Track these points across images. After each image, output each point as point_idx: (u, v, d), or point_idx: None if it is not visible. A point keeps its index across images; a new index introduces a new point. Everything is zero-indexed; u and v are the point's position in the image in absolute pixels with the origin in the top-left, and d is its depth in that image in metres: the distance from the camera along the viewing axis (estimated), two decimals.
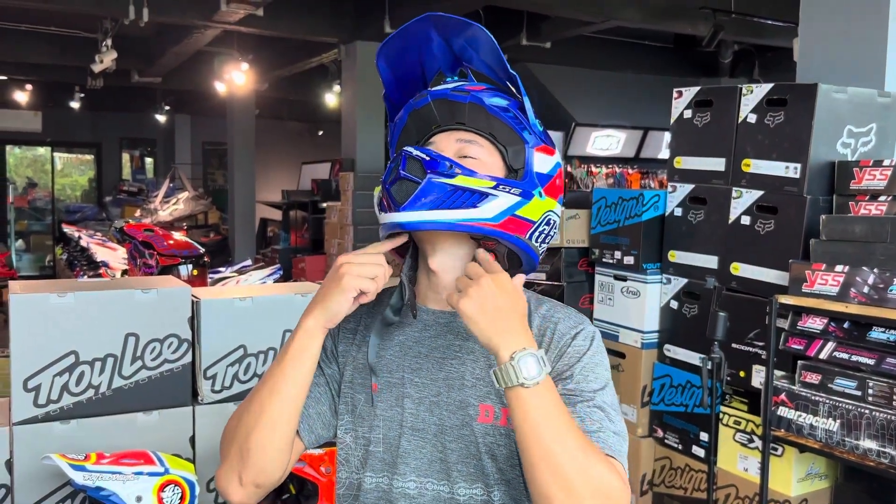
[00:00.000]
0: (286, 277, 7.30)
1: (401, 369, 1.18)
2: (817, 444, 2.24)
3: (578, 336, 1.15)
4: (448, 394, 1.15)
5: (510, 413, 1.02)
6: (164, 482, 2.06)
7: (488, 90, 1.16)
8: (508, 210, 1.10)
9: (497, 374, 1.02)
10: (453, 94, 1.14)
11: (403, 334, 1.20)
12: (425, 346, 1.18)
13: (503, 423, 1.12)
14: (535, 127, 1.16)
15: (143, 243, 4.88)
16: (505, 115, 1.14)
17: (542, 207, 1.14)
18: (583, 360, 1.12)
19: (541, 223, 1.14)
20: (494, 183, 1.10)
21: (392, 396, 1.17)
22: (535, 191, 1.13)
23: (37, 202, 13.44)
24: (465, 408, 1.14)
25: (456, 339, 1.17)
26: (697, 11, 6.34)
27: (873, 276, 2.18)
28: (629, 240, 2.98)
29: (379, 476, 1.17)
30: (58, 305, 2.24)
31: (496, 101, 1.14)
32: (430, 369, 1.17)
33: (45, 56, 8.61)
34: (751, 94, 2.60)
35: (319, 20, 7.08)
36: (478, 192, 1.09)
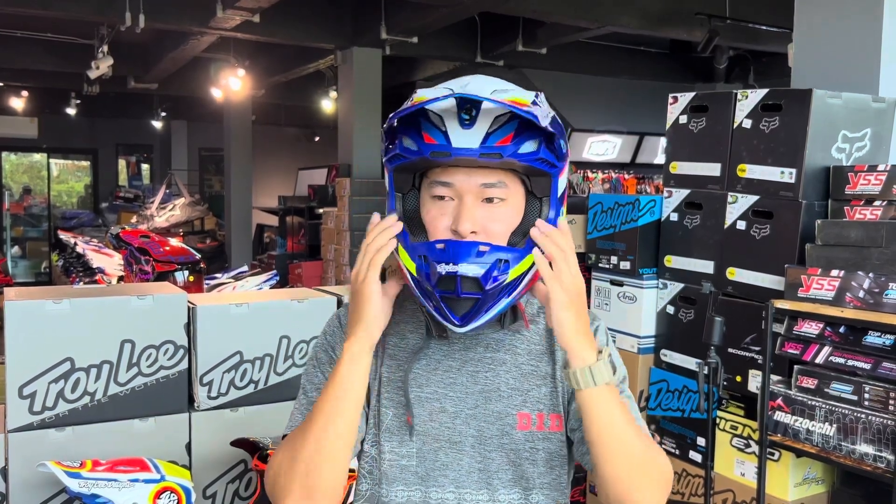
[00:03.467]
0: (283, 283, 7.29)
1: (431, 384, 1.17)
2: (814, 448, 2.24)
3: (598, 331, 1.18)
4: (485, 405, 1.17)
5: (587, 411, 1.06)
6: (159, 489, 2.05)
7: (517, 137, 1.03)
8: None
9: (580, 374, 1.05)
10: (483, 158, 1.03)
11: (430, 348, 1.18)
12: (456, 359, 1.18)
13: (540, 429, 1.16)
14: (561, 150, 1.07)
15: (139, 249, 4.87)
16: (540, 165, 1.05)
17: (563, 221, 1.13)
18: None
19: None
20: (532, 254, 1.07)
21: (425, 412, 1.16)
22: (557, 217, 1.10)
23: (33, 208, 13.41)
24: (503, 418, 1.16)
25: (486, 351, 1.19)
26: (693, 17, 6.36)
27: (869, 280, 2.18)
28: (625, 245, 2.99)
29: (411, 489, 1.17)
30: (53, 312, 2.23)
31: (526, 149, 1.04)
32: (464, 383, 1.17)
33: (41, 62, 8.60)
34: (746, 99, 2.61)
35: (316, 26, 7.09)
36: (526, 270, 1.07)
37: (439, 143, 1.03)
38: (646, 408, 2.96)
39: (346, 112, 7.53)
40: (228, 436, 2.38)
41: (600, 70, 8.64)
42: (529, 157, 1.04)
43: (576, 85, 8.68)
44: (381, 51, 7.16)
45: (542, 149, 1.05)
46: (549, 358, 1.19)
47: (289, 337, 2.56)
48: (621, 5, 6.30)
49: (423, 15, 6.22)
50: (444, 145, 1.03)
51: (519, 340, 1.20)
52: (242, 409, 2.49)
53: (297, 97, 10.90)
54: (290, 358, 2.56)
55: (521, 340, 1.20)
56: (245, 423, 2.46)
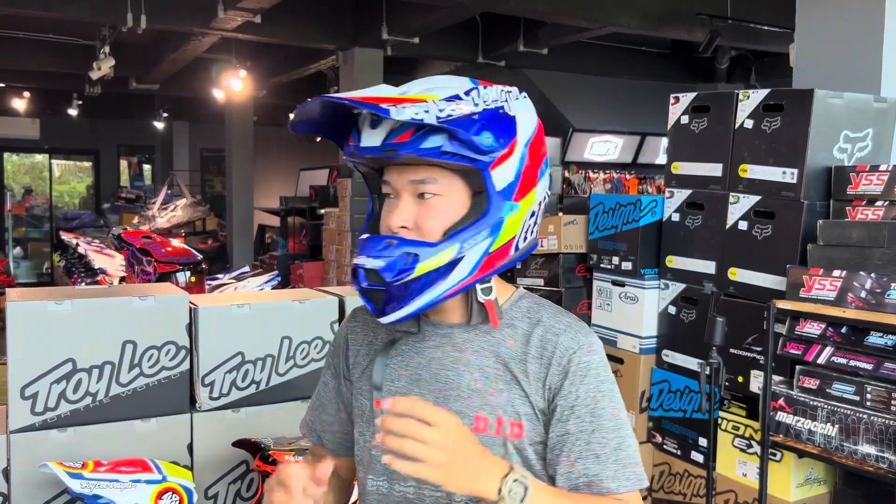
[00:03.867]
0: (284, 284, 7.30)
1: (401, 379, 1.20)
2: (816, 449, 2.23)
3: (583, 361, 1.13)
4: (444, 404, 1.15)
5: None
6: (161, 490, 2.05)
7: (419, 133, 1.04)
8: (482, 257, 1.09)
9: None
10: (386, 155, 1.07)
11: (406, 344, 1.21)
12: (425, 356, 1.19)
13: (497, 434, 1.13)
14: (480, 144, 1.05)
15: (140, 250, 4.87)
16: (446, 157, 1.05)
17: (520, 216, 1.11)
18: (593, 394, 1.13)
19: (523, 227, 1.13)
20: (457, 246, 1.07)
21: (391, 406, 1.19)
22: (504, 213, 1.09)
23: (35, 209, 13.42)
24: (461, 418, 1.13)
25: (454, 350, 1.18)
26: (694, 17, 6.36)
27: (871, 280, 2.18)
28: (627, 245, 2.98)
29: (379, 480, 1.21)
30: (55, 313, 2.23)
31: (430, 143, 1.04)
32: (427, 380, 1.18)
33: (43, 63, 8.61)
34: (747, 99, 2.61)
35: (317, 27, 7.09)
36: (446, 265, 1.07)
37: (354, 143, 1.10)
38: (647, 408, 2.96)
39: None
40: (230, 436, 2.38)
41: (601, 70, 8.64)
42: (431, 151, 1.05)
43: (577, 85, 8.68)
44: (383, 51, 7.16)
45: (450, 142, 1.04)
46: (520, 366, 1.14)
47: (290, 338, 2.56)
48: (622, 5, 6.30)
49: (425, 15, 6.23)
50: (356, 145, 1.09)
51: (489, 343, 1.16)
52: (244, 410, 2.49)
53: (298, 98, 10.89)
54: (292, 359, 2.56)
55: (493, 343, 1.16)
56: (247, 424, 2.46)
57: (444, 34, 7.22)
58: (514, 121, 1.10)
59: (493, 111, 1.08)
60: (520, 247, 1.13)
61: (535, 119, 1.14)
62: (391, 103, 1.03)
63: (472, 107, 1.06)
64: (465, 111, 1.06)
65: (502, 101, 1.10)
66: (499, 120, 1.08)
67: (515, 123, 1.09)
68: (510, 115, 1.09)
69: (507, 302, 1.19)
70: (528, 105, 1.14)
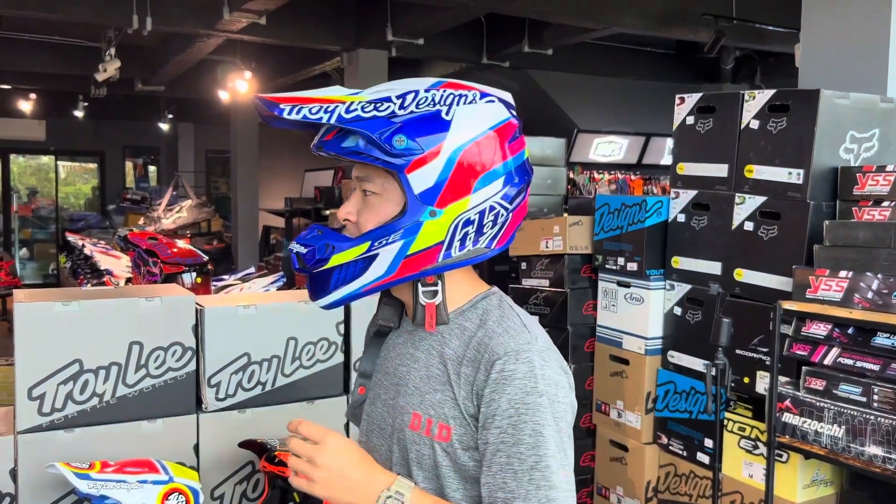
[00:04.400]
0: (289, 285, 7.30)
1: (380, 371, 1.27)
2: (822, 450, 2.23)
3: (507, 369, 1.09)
4: (395, 399, 1.21)
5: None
6: (168, 490, 2.06)
7: (341, 133, 1.10)
8: (398, 257, 1.11)
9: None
10: (318, 151, 1.14)
11: (390, 339, 1.28)
12: (395, 351, 1.25)
13: (427, 434, 1.15)
14: (391, 146, 1.07)
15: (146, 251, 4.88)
16: (359, 157, 1.09)
17: (444, 222, 1.10)
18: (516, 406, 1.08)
19: (452, 235, 1.11)
20: (368, 244, 1.11)
21: (372, 395, 1.27)
22: (422, 217, 1.09)
23: (41, 211, 13.47)
24: (402, 414, 1.19)
25: (411, 347, 1.22)
26: (699, 18, 6.35)
27: (877, 281, 2.18)
28: (632, 246, 2.98)
29: None
30: (62, 314, 2.24)
31: (348, 143, 1.10)
32: (390, 373, 1.24)
33: (48, 65, 8.64)
34: (753, 100, 2.60)
35: (322, 28, 7.10)
36: (359, 260, 1.11)
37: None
38: (653, 409, 2.96)
39: None
40: (236, 437, 2.38)
41: (606, 71, 8.63)
42: (346, 150, 1.10)
43: (582, 86, 8.68)
44: (387, 52, 7.16)
45: (362, 144, 1.09)
46: (455, 368, 1.14)
47: (296, 338, 2.56)
48: (627, 6, 6.29)
49: (429, 16, 6.23)
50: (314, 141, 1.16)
51: (438, 343, 1.18)
52: (250, 411, 2.49)
53: None
54: (298, 359, 2.57)
55: (440, 343, 1.18)
56: (253, 425, 2.47)
57: (449, 35, 7.22)
58: (446, 126, 1.09)
59: (421, 115, 1.09)
60: (453, 254, 1.12)
61: (484, 126, 1.11)
62: (294, 103, 1.08)
63: (390, 110, 1.09)
64: (382, 113, 1.08)
65: (444, 104, 1.10)
66: (423, 123, 1.09)
67: (447, 129, 1.09)
68: (443, 120, 1.09)
69: (467, 303, 1.19)
70: (479, 111, 1.11)
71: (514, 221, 1.17)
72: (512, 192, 1.14)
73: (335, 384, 2.65)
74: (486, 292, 1.21)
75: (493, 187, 1.12)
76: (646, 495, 2.98)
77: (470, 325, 1.17)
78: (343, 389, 2.67)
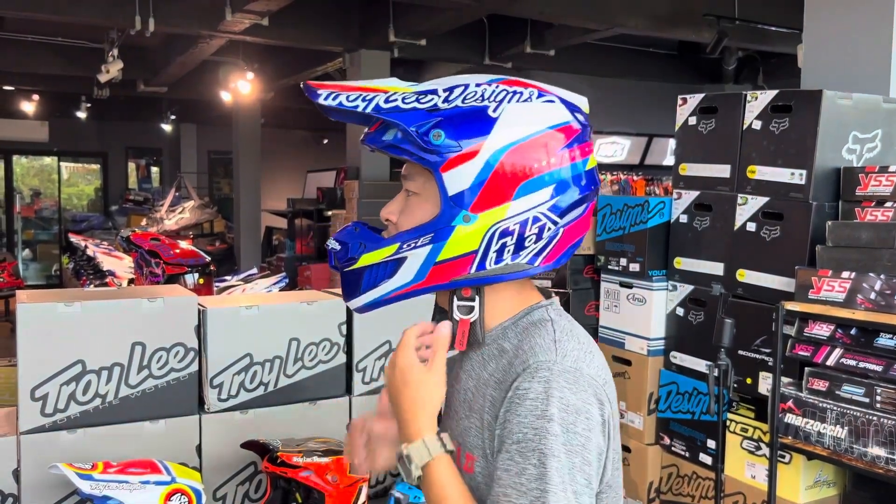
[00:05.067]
0: (292, 286, 7.30)
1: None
2: (825, 451, 2.22)
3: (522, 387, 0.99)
4: (443, 420, 1.16)
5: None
6: (170, 491, 2.06)
7: (383, 126, 1.05)
8: (426, 263, 1.03)
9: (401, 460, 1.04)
10: (363, 143, 1.10)
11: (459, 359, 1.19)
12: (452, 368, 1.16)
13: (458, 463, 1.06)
14: (427, 140, 1.00)
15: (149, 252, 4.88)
16: (395, 151, 1.03)
17: (478, 230, 1.01)
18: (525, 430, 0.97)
19: (487, 245, 1.01)
20: (397, 245, 1.04)
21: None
22: (454, 221, 1.01)
23: (43, 211, 13.49)
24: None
25: (458, 365, 1.15)
26: (701, 18, 6.34)
27: (880, 282, 2.17)
28: (635, 247, 2.98)
29: None
30: (65, 315, 2.24)
31: (387, 136, 1.04)
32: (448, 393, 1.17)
33: (51, 66, 8.66)
34: (755, 100, 2.60)
35: (324, 29, 7.11)
36: (386, 262, 1.05)
37: None
38: (656, 410, 2.95)
39: None
40: (238, 438, 2.38)
41: (608, 71, 8.63)
42: (383, 142, 1.04)
43: (584, 86, 8.55)
44: (390, 53, 7.17)
45: (398, 137, 1.03)
46: (485, 391, 1.05)
47: (298, 339, 2.56)
48: (629, 7, 6.29)
49: (431, 17, 6.23)
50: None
51: (480, 364, 1.09)
52: (252, 412, 2.49)
53: (305, 100, 10.70)
54: (300, 360, 2.57)
55: (482, 365, 1.09)
56: (255, 425, 2.47)
57: (451, 36, 7.22)
58: (490, 123, 1.00)
59: (465, 110, 1.01)
60: (487, 266, 1.02)
61: (535, 127, 1.01)
62: (333, 90, 1.04)
63: (432, 103, 1.02)
64: (423, 106, 1.02)
65: (493, 101, 1.01)
66: (465, 119, 1.00)
67: (491, 127, 1.00)
68: (489, 117, 1.00)
69: (509, 320, 1.09)
70: (533, 110, 1.02)
71: (568, 238, 1.05)
72: (564, 204, 1.02)
73: (337, 385, 2.65)
74: (533, 306, 1.09)
75: (539, 196, 1.01)
76: (648, 496, 2.98)
77: (508, 346, 1.06)
78: (345, 390, 2.67)
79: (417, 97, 1.03)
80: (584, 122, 1.06)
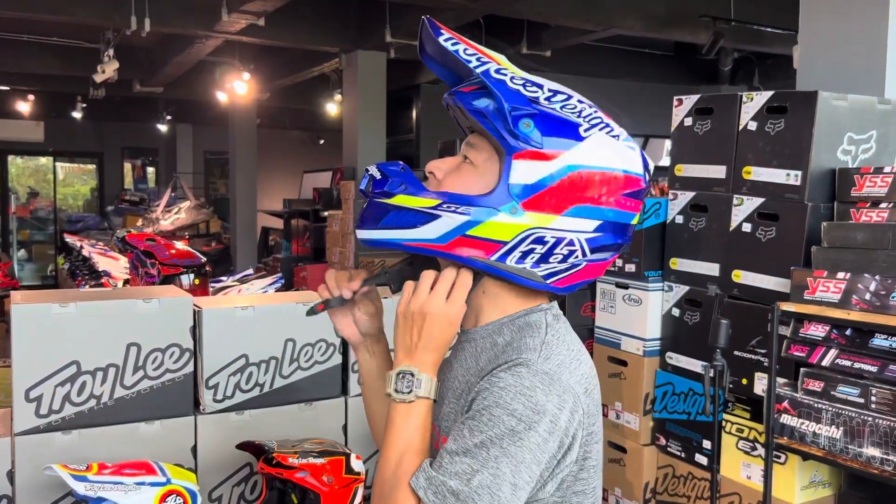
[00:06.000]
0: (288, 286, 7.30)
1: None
2: (820, 451, 2.23)
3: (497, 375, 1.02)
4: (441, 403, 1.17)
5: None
6: (165, 492, 2.05)
7: (477, 91, 1.06)
8: (456, 231, 1.03)
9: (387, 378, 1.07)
10: (448, 100, 1.10)
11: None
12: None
13: (436, 447, 1.09)
14: (515, 124, 1.02)
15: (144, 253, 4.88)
16: (481, 119, 1.04)
17: (518, 225, 1.02)
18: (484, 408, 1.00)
19: (518, 243, 1.03)
20: (438, 201, 1.04)
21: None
22: (502, 207, 1.02)
23: (39, 212, 13.46)
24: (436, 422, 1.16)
25: (452, 354, 1.19)
26: (697, 19, 6.35)
27: (875, 282, 2.18)
28: (630, 247, 2.98)
29: None
30: (60, 315, 2.24)
31: (479, 104, 1.04)
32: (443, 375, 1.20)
33: (47, 66, 8.64)
34: (751, 101, 2.60)
35: (321, 30, 7.11)
36: (419, 212, 1.05)
37: None
38: (651, 411, 2.95)
39: (350, 115, 7.55)
40: (234, 439, 2.38)
41: (605, 72, 8.64)
42: (470, 106, 1.05)
43: (580, 87, 8.48)
44: (386, 54, 7.17)
45: (490, 109, 1.03)
46: (472, 381, 1.07)
47: (294, 340, 2.56)
48: (626, 8, 6.30)
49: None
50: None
51: (473, 356, 1.12)
52: (248, 413, 2.49)
53: (301, 100, 10.92)
54: (296, 361, 2.57)
55: (475, 357, 1.12)
56: (250, 427, 2.46)
57: None
58: (578, 138, 1.03)
59: (561, 117, 1.04)
60: (508, 262, 1.04)
61: (613, 164, 1.04)
62: (455, 38, 1.07)
63: (536, 95, 1.04)
64: (527, 93, 1.04)
65: (587, 121, 1.05)
66: (557, 123, 1.03)
67: (578, 142, 1.03)
68: (578, 133, 1.03)
69: (507, 317, 1.12)
70: (616, 148, 1.05)
71: (586, 273, 1.09)
72: (599, 242, 1.06)
73: (333, 386, 2.65)
74: (533, 308, 1.12)
75: (584, 223, 1.04)
76: (644, 497, 2.98)
77: (501, 341, 1.09)
78: (341, 391, 2.67)
79: (525, 83, 1.05)
80: (647, 181, 1.10)
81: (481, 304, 1.13)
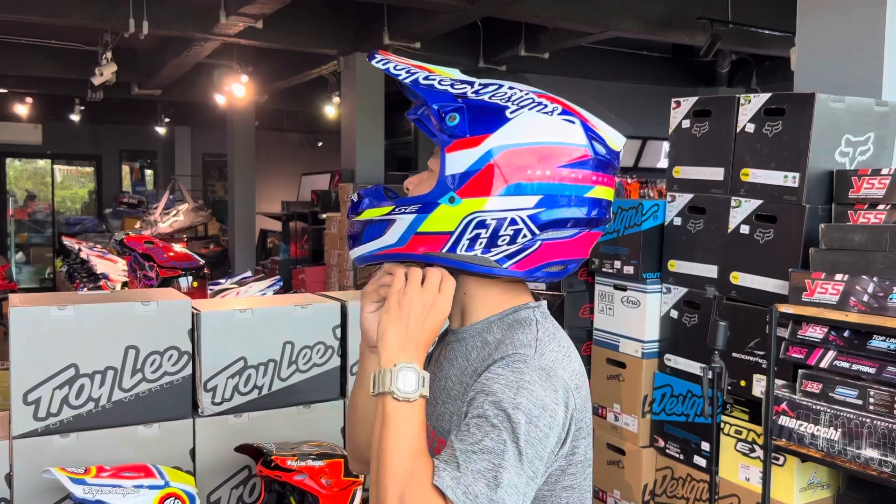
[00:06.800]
0: (286, 289, 7.29)
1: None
2: (819, 453, 2.23)
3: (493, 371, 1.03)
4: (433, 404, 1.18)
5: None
6: (164, 495, 2.05)
7: (420, 102, 1.12)
8: (408, 231, 1.08)
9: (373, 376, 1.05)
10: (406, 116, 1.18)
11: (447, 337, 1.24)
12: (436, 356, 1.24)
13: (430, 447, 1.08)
14: (442, 120, 1.07)
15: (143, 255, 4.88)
16: (420, 125, 1.12)
17: (458, 213, 1.05)
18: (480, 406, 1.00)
19: (462, 230, 1.05)
20: (392, 207, 1.10)
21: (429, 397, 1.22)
22: (441, 199, 1.06)
23: (37, 214, 13.45)
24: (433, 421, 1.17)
25: (442, 354, 1.21)
26: (695, 22, 6.36)
27: (873, 284, 2.18)
28: (629, 249, 2.98)
29: None
30: (58, 318, 2.24)
31: (416, 112, 1.13)
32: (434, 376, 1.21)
33: (45, 69, 8.64)
34: (749, 103, 2.61)
35: (319, 32, 7.11)
36: (381, 220, 1.11)
37: None
38: (650, 412, 2.96)
39: (348, 117, 7.55)
40: (232, 441, 2.38)
41: (603, 75, 8.65)
42: (413, 115, 1.13)
43: (578, 89, 8.68)
44: None
45: (424, 113, 1.10)
46: (465, 380, 1.10)
47: (293, 342, 2.56)
48: (624, 10, 6.31)
49: (426, 20, 6.24)
50: None
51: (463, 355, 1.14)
52: (246, 415, 2.49)
53: (300, 103, 10.92)
54: (294, 363, 2.57)
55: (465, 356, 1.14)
56: (249, 429, 2.46)
57: (446, 39, 7.23)
58: (501, 122, 1.05)
59: (486, 104, 1.07)
60: (458, 251, 1.06)
61: (541, 138, 1.05)
62: (387, 58, 1.13)
63: (463, 91, 1.09)
64: (454, 91, 1.08)
65: (515, 104, 1.06)
66: (482, 112, 1.06)
67: (500, 125, 1.05)
68: (503, 116, 1.05)
69: (496, 315, 1.13)
70: (547, 123, 1.06)
71: (547, 253, 1.08)
72: (546, 217, 1.05)
73: (332, 388, 2.65)
74: (521, 306, 1.14)
75: (519, 201, 1.04)
76: (643, 499, 2.98)
77: (491, 339, 1.10)
78: (340, 393, 2.67)
79: (454, 83, 1.10)
80: (601, 152, 1.08)
81: (465, 303, 1.15)
